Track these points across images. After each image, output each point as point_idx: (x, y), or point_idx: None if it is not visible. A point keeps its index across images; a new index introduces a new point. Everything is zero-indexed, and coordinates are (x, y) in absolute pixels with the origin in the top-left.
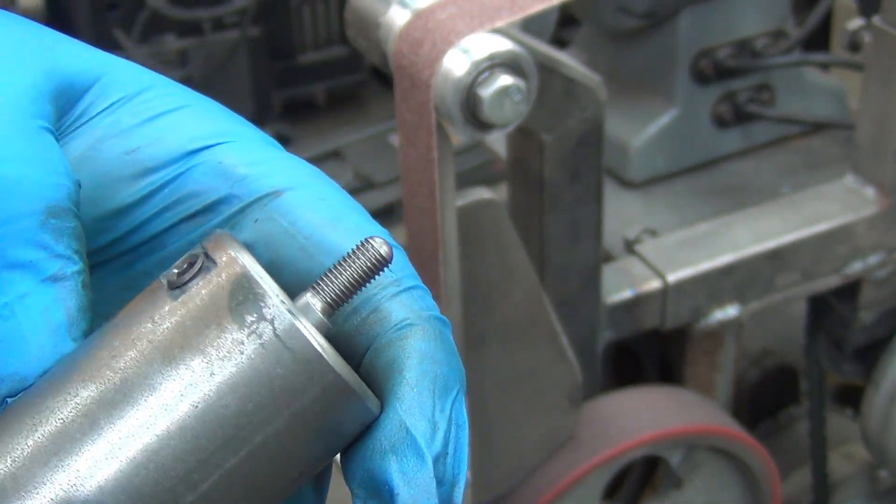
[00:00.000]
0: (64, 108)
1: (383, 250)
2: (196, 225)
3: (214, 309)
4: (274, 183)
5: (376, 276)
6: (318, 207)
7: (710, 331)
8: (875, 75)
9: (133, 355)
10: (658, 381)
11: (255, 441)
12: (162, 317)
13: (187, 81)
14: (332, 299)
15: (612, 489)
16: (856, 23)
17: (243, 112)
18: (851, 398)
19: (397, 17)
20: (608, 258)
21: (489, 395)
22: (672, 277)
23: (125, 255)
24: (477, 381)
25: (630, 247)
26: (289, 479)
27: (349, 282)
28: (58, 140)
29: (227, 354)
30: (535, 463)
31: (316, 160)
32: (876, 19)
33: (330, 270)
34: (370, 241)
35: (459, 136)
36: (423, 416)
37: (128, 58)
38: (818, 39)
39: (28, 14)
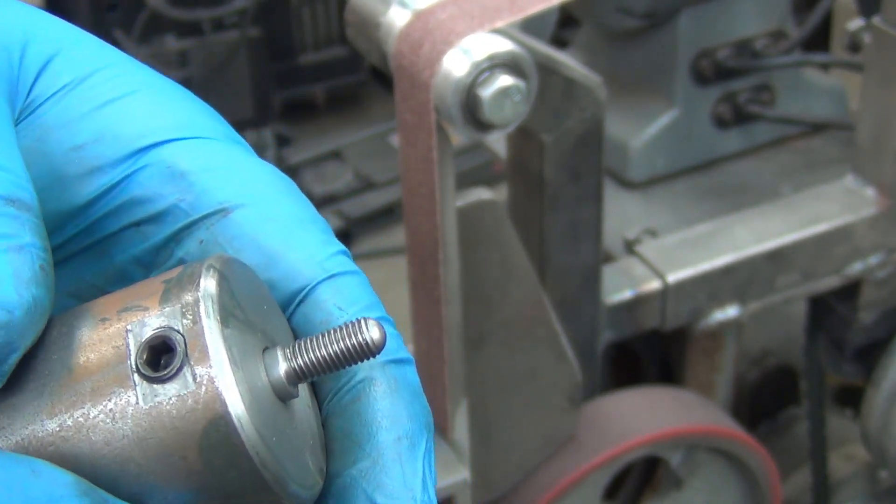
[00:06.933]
0: (14, 92)
1: (374, 336)
2: (142, 237)
3: (182, 440)
4: (223, 197)
5: (359, 362)
6: (266, 231)
7: (710, 331)
8: (875, 76)
9: (82, 441)
10: (658, 381)
11: None
12: (124, 417)
13: (187, 82)
14: (301, 369)
15: (613, 489)
16: (856, 23)
17: (243, 112)
18: (851, 398)
19: (397, 18)
20: (608, 258)
21: (489, 395)
22: (672, 278)
23: (72, 259)
24: (477, 381)
25: (630, 247)
26: None
27: (325, 359)
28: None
29: (184, 483)
30: (535, 463)
31: (316, 160)
32: (876, 20)
33: (313, 337)
34: (362, 323)
35: (459, 136)
36: (394, 489)
37: None
38: (818, 40)
39: None
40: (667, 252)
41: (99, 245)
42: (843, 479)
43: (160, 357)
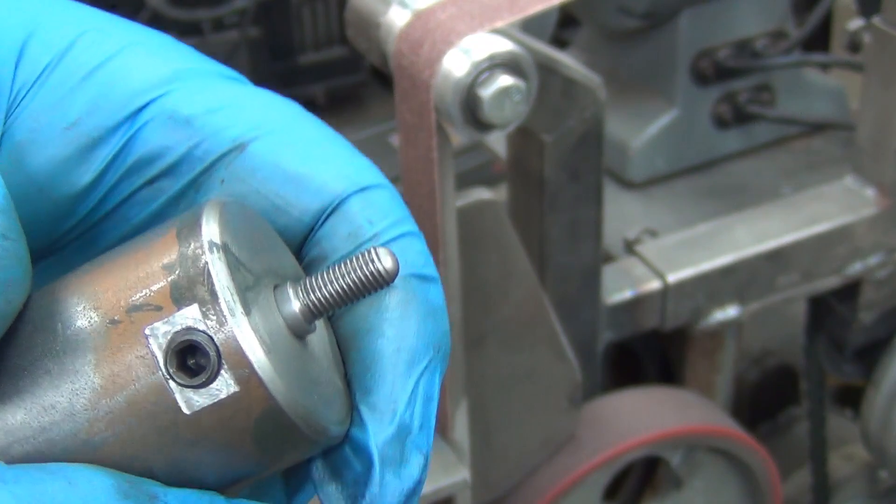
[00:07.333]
0: None
1: (387, 265)
2: (158, 192)
3: (235, 435)
4: (236, 133)
5: (373, 292)
6: (288, 157)
7: (710, 331)
8: (875, 75)
9: (129, 453)
10: (658, 381)
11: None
12: (171, 427)
13: None
14: (315, 306)
15: (613, 489)
16: (856, 23)
17: None
18: (851, 399)
19: (397, 18)
20: (608, 258)
21: (489, 395)
22: (672, 278)
23: (87, 232)
24: (477, 381)
25: (630, 247)
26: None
27: (338, 292)
28: None
29: (240, 463)
30: (535, 463)
31: None
32: (876, 20)
33: (324, 272)
34: (373, 252)
35: (459, 136)
36: (377, 399)
37: None
38: (818, 40)
39: None
40: (667, 252)
41: (115, 212)
42: (843, 479)
43: (187, 358)
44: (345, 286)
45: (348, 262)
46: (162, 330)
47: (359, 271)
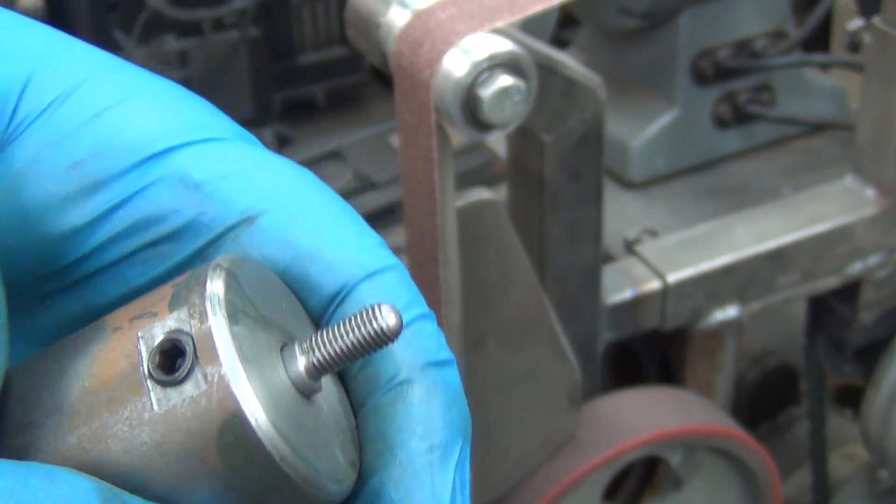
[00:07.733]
0: None
1: (390, 322)
2: (160, 257)
3: (200, 441)
4: (245, 205)
5: (377, 349)
6: (296, 234)
7: (710, 331)
8: (875, 76)
9: (102, 452)
10: (658, 381)
11: None
12: (140, 424)
13: (187, 82)
14: (319, 362)
15: (613, 489)
16: (856, 23)
17: (243, 112)
18: (851, 399)
19: (397, 18)
20: (608, 258)
21: (489, 395)
22: (672, 278)
23: (81, 283)
24: (477, 381)
25: (630, 247)
26: None
27: (342, 350)
28: None
29: (208, 484)
30: (534, 463)
31: (316, 160)
32: (876, 20)
33: (329, 329)
34: (377, 310)
35: (459, 136)
36: (422, 500)
37: (127, 58)
38: (818, 40)
39: (27, 14)
40: (667, 252)
41: (112, 268)
42: (843, 479)
43: (174, 362)
44: (349, 344)
45: (352, 319)
46: (153, 331)
47: (363, 328)
